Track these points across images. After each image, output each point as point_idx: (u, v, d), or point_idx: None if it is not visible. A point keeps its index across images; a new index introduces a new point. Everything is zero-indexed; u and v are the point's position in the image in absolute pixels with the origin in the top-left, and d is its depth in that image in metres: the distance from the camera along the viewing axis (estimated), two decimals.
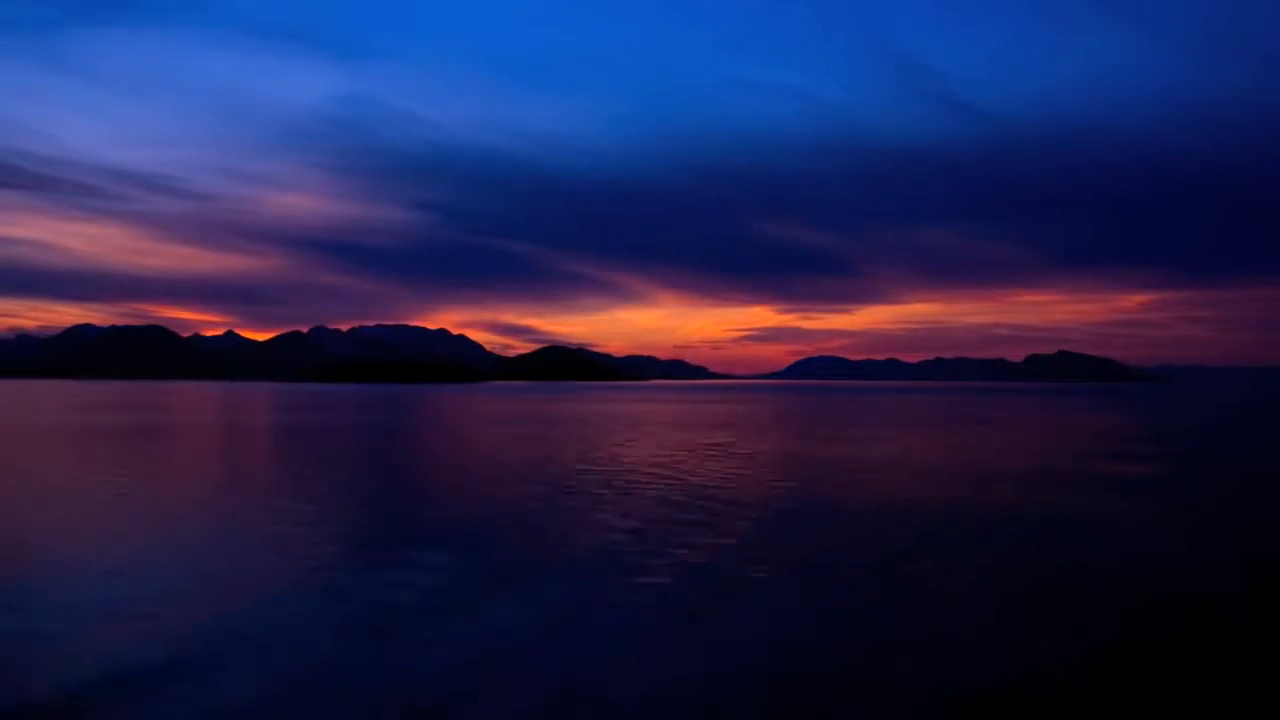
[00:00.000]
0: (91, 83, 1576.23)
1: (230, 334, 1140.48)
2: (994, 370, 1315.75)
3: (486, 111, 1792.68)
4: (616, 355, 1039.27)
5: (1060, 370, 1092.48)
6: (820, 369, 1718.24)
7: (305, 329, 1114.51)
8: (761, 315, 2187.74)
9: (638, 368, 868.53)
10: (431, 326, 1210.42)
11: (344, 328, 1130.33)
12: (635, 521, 23.86)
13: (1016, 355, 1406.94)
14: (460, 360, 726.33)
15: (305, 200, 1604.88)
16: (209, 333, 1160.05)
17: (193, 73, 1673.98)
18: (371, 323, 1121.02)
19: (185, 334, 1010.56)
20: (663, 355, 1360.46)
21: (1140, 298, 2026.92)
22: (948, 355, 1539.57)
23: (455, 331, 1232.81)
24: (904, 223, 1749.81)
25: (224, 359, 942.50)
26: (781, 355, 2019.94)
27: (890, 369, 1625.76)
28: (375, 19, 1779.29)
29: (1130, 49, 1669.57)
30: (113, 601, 15.26)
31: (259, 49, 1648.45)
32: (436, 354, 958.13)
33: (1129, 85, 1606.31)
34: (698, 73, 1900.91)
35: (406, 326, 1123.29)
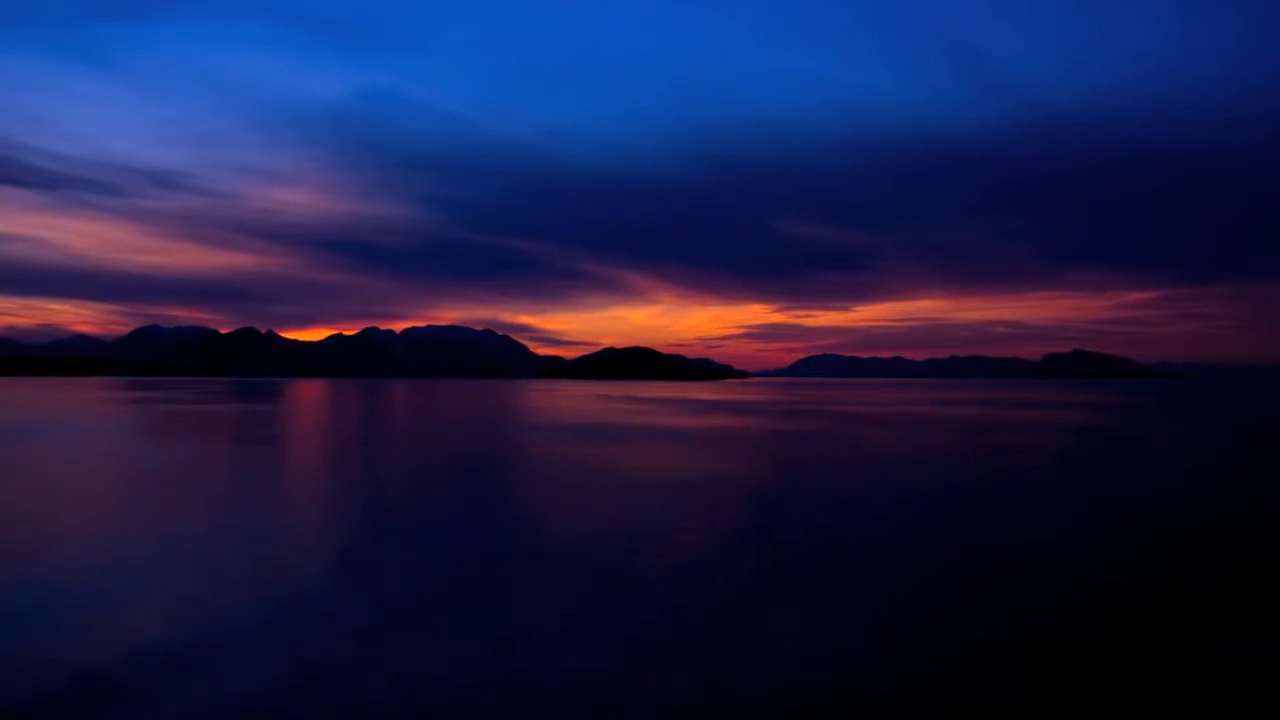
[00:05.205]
0: (113, 79, 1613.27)
1: (271, 333, 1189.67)
2: (1011, 369, 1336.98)
3: (504, 103, 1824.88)
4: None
5: (1078, 369, 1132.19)
6: (823, 367, 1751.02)
7: (355, 329, 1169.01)
8: (758, 313, 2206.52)
9: (683, 366, 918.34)
10: (477, 327, 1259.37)
11: (397, 328, 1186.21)
12: None
13: (1029, 353, 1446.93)
14: (532, 360, 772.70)
15: (317, 198, 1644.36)
16: (227, 330, 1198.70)
17: (216, 68, 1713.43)
18: (422, 323, 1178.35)
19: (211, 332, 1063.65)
20: (689, 354, 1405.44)
21: (1147, 294, 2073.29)
22: (960, 354, 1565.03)
23: (499, 332, 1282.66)
24: (922, 218, 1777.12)
25: (304, 358, 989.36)
26: (779, 353, 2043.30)
27: (895, 367, 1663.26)
28: (398, 11, 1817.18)
29: (1182, 38, 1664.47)
30: None
31: (282, 43, 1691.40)
32: (504, 354, 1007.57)
33: (1176, 75, 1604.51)
34: (721, 62, 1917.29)
35: (456, 327, 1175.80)
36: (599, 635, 11.59)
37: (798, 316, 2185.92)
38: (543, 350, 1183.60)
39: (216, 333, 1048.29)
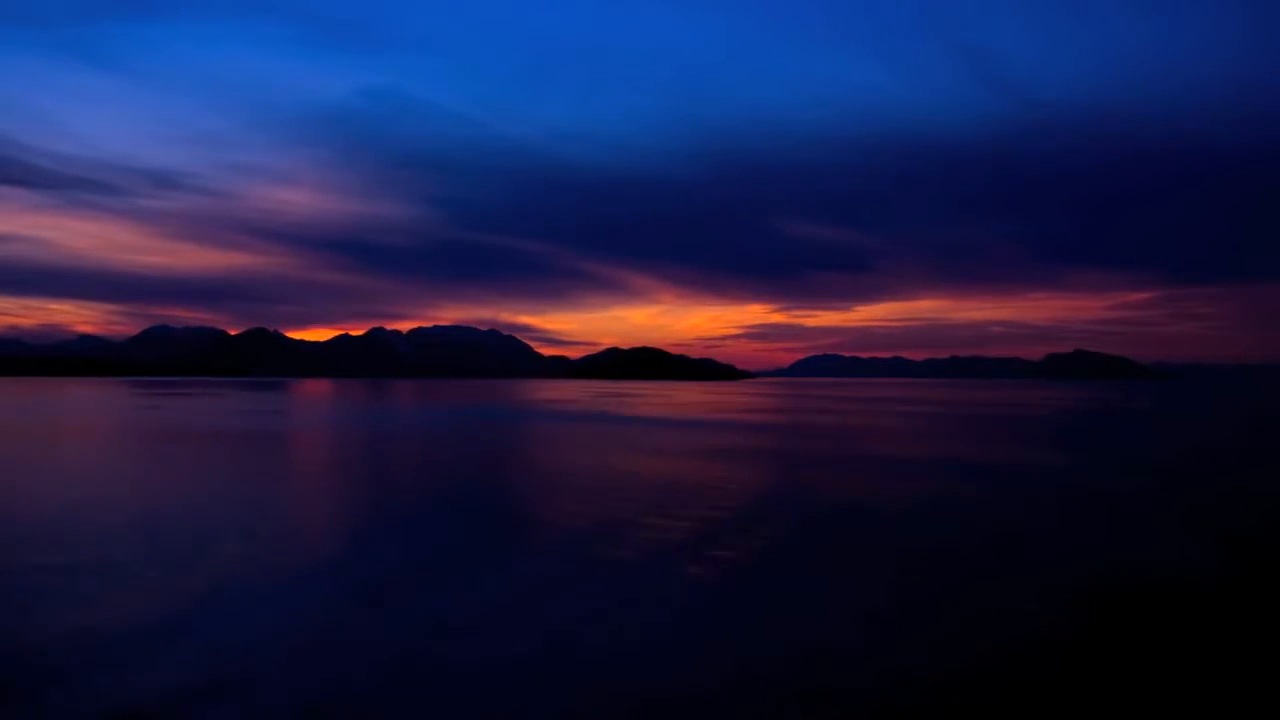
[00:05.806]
0: (114, 79, 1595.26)
1: (278, 334, 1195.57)
2: (1011, 369, 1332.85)
3: (505, 102, 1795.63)
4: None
5: (1078, 369, 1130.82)
6: (823, 367, 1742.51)
7: (356, 329, 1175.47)
8: (758, 312, 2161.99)
9: (689, 366, 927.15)
10: (480, 327, 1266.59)
11: (401, 328, 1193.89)
12: None
13: (1029, 353, 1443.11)
14: (540, 359, 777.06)
15: (318, 198, 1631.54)
16: (234, 330, 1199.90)
17: (216, 68, 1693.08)
18: (428, 324, 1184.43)
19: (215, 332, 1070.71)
20: (691, 354, 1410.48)
21: (1147, 294, 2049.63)
22: (961, 354, 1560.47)
23: (503, 332, 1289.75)
24: (922, 218, 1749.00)
25: (312, 358, 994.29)
26: (779, 353, 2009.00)
27: (895, 366, 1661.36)
28: (400, 11, 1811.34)
29: (1183, 37, 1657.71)
30: None
31: (283, 43, 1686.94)
32: (510, 354, 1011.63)
33: (1177, 74, 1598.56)
34: (722, 62, 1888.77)
35: (462, 327, 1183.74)
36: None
37: (797, 316, 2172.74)
38: (544, 350, 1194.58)
39: (226, 333, 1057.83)
